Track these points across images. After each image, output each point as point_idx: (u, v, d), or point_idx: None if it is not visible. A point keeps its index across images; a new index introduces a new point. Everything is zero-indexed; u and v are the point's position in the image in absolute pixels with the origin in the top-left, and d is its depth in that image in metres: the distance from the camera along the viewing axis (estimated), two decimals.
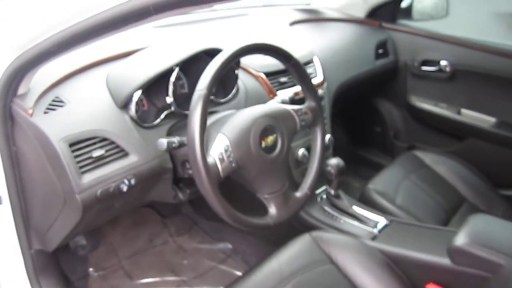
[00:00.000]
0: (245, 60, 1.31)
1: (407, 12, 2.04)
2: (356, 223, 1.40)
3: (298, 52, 1.45)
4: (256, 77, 1.33)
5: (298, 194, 1.08)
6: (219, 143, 0.91)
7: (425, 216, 1.52)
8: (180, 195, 1.18)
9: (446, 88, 1.92)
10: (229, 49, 0.92)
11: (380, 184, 1.61)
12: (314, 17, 1.88)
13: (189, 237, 1.74)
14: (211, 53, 1.12)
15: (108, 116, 1.00)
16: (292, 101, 1.21)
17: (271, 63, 1.36)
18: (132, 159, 1.00)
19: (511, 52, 1.71)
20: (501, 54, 1.74)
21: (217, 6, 1.67)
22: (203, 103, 0.85)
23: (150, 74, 1.03)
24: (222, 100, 1.23)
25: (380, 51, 1.93)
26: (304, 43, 1.59)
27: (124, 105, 1.03)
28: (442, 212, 1.59)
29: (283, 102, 1.18)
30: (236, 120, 0.96)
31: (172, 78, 1.08)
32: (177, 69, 1.08)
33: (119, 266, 1.57)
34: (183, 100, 1.18)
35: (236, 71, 1.23)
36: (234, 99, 1.25)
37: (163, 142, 0.93)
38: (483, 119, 1.84)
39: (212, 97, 1.19)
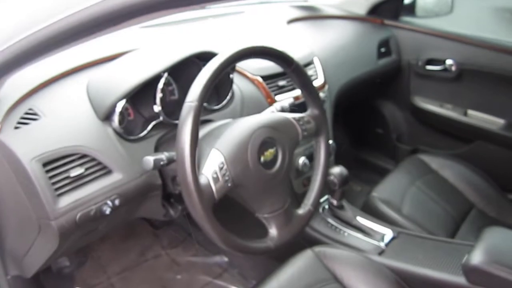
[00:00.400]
0: (240, 63, 1.20)
1: (410, 9, 1.94)
2: (361, 236, 1.30)
3: (297, 53, 1.35)
4: (253, 81, 1.23)
5: (301, 211, 0.99)
6: (213, 160, 0.81)
7: (433, 226, 1.43)
8: (171, 212, 1.08)
9: (452, 88, 1.83)
10: (222, 55, 0.82)
11: (385, 191, 1.52)
12: (312, 15, 1.78)
13: (182, 250, 1.64)
14: (204, 57, 1.02)
15: (88, 130, 0.89)
16: (292, 107, 1.11)
17: (268, 65, 1.26)
18: (116, 177, 0.90)
19: None
20: (510, 52, 1.64)
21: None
22: (194, 116, 0.75)
23: (136, 81, 0.93)
24: (216, 107, 1.13)
25: (383, 50, 1.83)
26: (303, 43, 1.49)
27: (106, 117, 0.92)
28: (450, 220, 1.50)
29: (283, 109, 1.08)
30: (231, 133, 0.86)
31: (160, 85, 0.97)
32: (165, 75, 0.98)
33: (108, 283, 1.47)
34: (173, 108, 1.07)
35: (231, 75, 1.13)
36: (228, 105, 1.15)
37: (149, 160, 0.83)
38: (491, 121, 1.75)
39: (204, 104, 1.08)
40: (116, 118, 0.92)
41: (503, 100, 1.72)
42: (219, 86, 1.13)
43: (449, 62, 1.78)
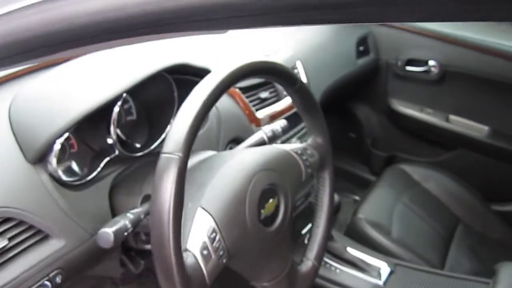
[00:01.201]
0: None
1: None
2: (355, 272, 1.12)
3: (279, 57, 1.13)
4: (230, 94, 0.99)
5: (304, 268, 0.78)
6: (201, 226, 0.58)
7: (425, 250, 1.30)
8: (132, 268, 0.83)
9: (433, 91, 1.69)
10: (213, 78, 0.57)
11: (371, 212, 1.35)
12: None
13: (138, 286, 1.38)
14: (175, 70, 0.77)
15: (11, 180, 0.62)
16: (284, 131, 0.89)
17: None
18: (55, 244, 0.64)
19: (510, 53, 1.49)
20: (498, 54, 1.52)
21: None
22: (178, 176, 0.51)
23: (85, 108, 0.66)
24: None
25: (361, 48, 1.65)
26: (282, 43, 1.26)
27: (39, 158, 0.65)
28: (439, 240, 1.38)
29: (275, 135, 0.86)
30: (221, 182, 0.63)
31: (116, 108, 0.71)
32: (124, 95, 0.72)
33: None
34: (131, 133, 0.82)
35: None
36: (204, 125, 0.91)
37: (107, 234, 0.57)
38: (474, 128, 1.63)
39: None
40: (53, 159, 0.65)
41: (488, 105, 1.60)
42: None
43: (431, 63, 1.63)
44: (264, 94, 1.05)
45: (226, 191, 0.61)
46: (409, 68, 1.69)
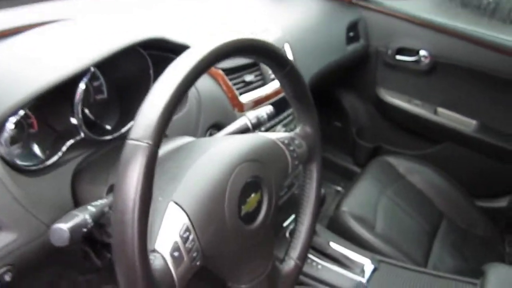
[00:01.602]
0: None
1: None
2: (337, 268, 1.07)
3: (267, 37, 1.05)
4: (212, 75, 0.91)
5: (286, 268, 0.72)
6: (172, 224, 0.50)
7: (409, 246, 1.26)
8: (97, 261, 0.75)
9: (422, 82, 1.64)
10: (192, 55, 0.49)
11: (355, 205, 1.31)
12: None
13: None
14: (151, 45, 0.69)
15: None
16: (270, 117, 0.82)
17: None
18: (5, 237, 0.56)
19: (505, 46, 1.45)
20: (490, 47, 1.47)
21: None
22: (146, 166, 0.43)
23: (46, 81, 0.57)
24: None
25: (351, 34, 1.58)
26: (270, 23, 1.18)
27: None
28: (423, 235, 1.35)
29: (259, 122, 0.79)
30: (199, 174, 0.55)
31: (82, 85, 0.63)
32: (92, 70, 0.63)
33: None
34: (101, 113, 0.73)
35: None
36: (182, 108, 0.83)
37: (62, 231, 0.49)
38: (462, 121, 1.59)
39: None
40: (6, 140, 0.56)
41: (477, 99, 1.56)
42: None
43: (422, 53, 1.58)
44: (249, 77, 0.97)
45: (203, 183, 0.54)
46: (399, 57, 1.63)
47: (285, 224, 1.15)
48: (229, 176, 0.56)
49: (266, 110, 0.80)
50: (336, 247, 1.11)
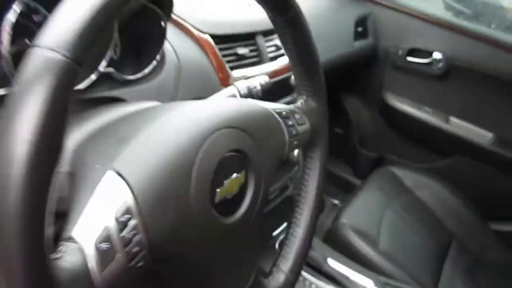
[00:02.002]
0: (181, 8, 0.72)
1: None
2: None
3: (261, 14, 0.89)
4: (198, 42, 0.74)
5: (274, 283, 0.54)
6: (106, 201, 0.33)
7: (417, 269, 1.09)
8: None
9: (435, 87, 1.48)
10: None
11: (356, 217, 1.14)
12: None
13: None
14: None
15: None
16: (265, 90, 0.66)
17: (226, 20, 0.79)
18: None
19: None
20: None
21: None
22: (57, 94, 0.26)
23: None
24: (130, 77, 0.63)
25: (360, 29, 1.43)
26: None
27: None
28: (432, 257, 1.18)
29: (251, 94, 0.62)
30: (155, 138, 0.39)
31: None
32: None
33: None
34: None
35: (163, 23, 0.64)
36: (154, 76, 0.66)
37: None
38: (477, 133, 1.43)
39: (109, 69, 0.60)
40: None
41: (495, 109, 1.41)
42: (141, 38, 0.64)
43: (436, 55, 1.43)
44: (242, 50, 0.81)
45: (160, 150, 0.37)
46: (410, 59, 1.48)
47: (275, 233, 0.97)
48: (199, 143, 0.39)
49: (260, 80, 0.64)
50: (334, 264, 0.94)
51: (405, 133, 1.58)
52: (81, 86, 0.56)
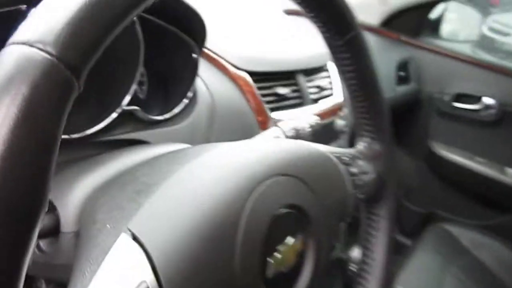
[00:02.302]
0: (213, 41, 0.64)
1: (434, 27, 1.49)
2: None
3: (305, 48, 0.81)
4: (234, 79, 0.65)
5: None
6: (119, 277, 0.22)
7: None
8: None
9: (487, 135, 1.35)
10: None
11: (414, 284, 0.97)
12: None
13: None
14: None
15: None
16: (316, 132, 0.55)
17: (264, 56, 0.71)
18: None
19: None
20: None
21: None
22: (28, 99, 0.16)
23: None
24: (158, 117, 0.54)
25: (401, 74, 1.34)
26: (309, 39, 0.94)
27: None
28: None
29: (298, 134, 0.52)
30: (185, 189, 0.28)
31: None
32: None
33: None
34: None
35: (195, 55, 0.55)
36: (184, 117, 0.57)
37: None
38: None
39: (133, 107, 0.51)
40: None
41: None
42: (169, 73, 0.56)
43: (486, 100, 1.31)
44: (283, 90, 0.71)
45: (192, 207, 0.26)
46: (458, 104, 1.36)
47: None
48: (245, 196, 0.29)
49: (309, 121, 0.53)
50: None
51: (456, 185, 1.43)
52: (100, 126, 0.46)
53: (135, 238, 0.24)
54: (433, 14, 1.46)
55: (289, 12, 1.16)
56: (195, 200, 0.27)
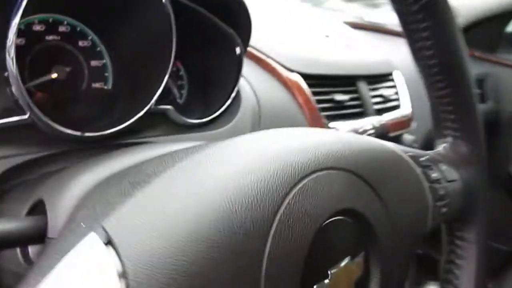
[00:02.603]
0: (260, 40, 0.57)
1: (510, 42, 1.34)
2: None
3: (367, 55, 0.72)
4: (284, 82, 0.58)
5: None
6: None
7: None
8: None
9: None
10: None
11: None
12: (379, 27, 1.17)
13: None
14: None
15: None
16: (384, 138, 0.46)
17: (319, 58, 0.63)
18: None
19: None
20: None
21: None
22: None
23: None
24: (195, 121, 0.47)
25: (478, 91, 1.19)
26: (372, 48, 0.85)
27: None
28: None
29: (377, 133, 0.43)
30: (192, 182, 0.20)
31: None
32: None
33: None
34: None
35: (238, 50, 0.48)
36: (225, 121, 0.51)
37: None
38: None
39: (165, 107, 0.45)
40: None
41: None
42: (208, 72, 0.49)
43: None
44: (341, 97, 0.62)
45: (191, 207, 0.18)
46: None
47: None
48: (277, 196, 0.20)
49: (372, 121, 0.44)
50: None
51: None
52: (121, 126, 0.40)
53: (108, 240, 0.16)
54: (510, 27, 1.32)
55: (350, 24, 1.08)
56: (198, 198, 0.19)
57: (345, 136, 0.29)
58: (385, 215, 0.26)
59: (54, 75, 0.43)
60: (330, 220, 0.22)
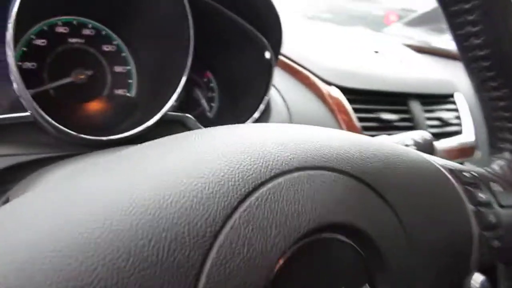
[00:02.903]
0: (294, 49, 0.53)
1: None
2: None
3: (427, 75, 0.65)
4: (322, 96, 0.52)
5: None
6: None
7: None
8: None
9: None
10: None
11: None
12: (445, 52, 1.08)
13: None
14: None
15: None
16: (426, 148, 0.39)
17: (362, 72, 0.57)
18: None
19: None
20: None
21: None
22: None
23: None
24: None
25: None
26: (432, 70, 0.77)
27: None
28: None
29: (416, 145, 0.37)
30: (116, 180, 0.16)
31: None
32: None
33: None
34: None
35: (268, 55, 0.44)
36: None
37: None
38: None
39: (184, 115, 0.41)
40: None
41: None
42: (237, 79, 0.46)
43: None
44: (388, 116, 0.56)
45: (97, 207, 0.14)
46: None
47: None
48: (224, 200, 0.15)
49: (416, 135, 0.38)
50: None
51: None
52: (133, 131, 0.37)
53: None
54: None
55: (412, 48, 1.01)
56: (110, 195, 0.15)
57: (355, 136, 0.23)
58: (403, 239, 0.20)
59: (74, 79, 0.41)
60: (312, 238, 0.16)
